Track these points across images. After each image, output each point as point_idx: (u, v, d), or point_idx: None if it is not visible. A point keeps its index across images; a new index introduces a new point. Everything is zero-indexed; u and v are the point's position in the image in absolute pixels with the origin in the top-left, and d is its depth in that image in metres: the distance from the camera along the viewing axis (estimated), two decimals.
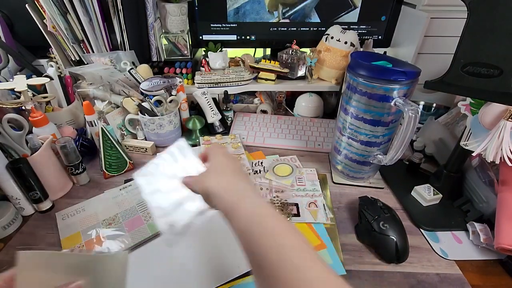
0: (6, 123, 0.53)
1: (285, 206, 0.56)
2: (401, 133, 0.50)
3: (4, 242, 0.50)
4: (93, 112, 0.64)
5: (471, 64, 0.41)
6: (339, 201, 0.60)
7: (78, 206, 0.57)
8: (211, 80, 0.81)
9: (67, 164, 0.60)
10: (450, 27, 0.72)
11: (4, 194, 0.53)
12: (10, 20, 0.78)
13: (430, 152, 0.70)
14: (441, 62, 0.73)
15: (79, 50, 0.79)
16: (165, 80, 0.74)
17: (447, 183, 0.58)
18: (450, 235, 0.53)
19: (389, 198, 0.61)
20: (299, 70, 0.83)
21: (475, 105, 0.49)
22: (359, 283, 0.45)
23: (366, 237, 0.51)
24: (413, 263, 0.48)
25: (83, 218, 0.55)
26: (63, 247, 0.49)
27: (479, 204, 0.55)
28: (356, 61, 0.53)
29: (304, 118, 0.85)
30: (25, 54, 0.82)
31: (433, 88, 0.46)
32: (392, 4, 0.78)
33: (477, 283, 0.45)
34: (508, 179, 0.50)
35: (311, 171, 0.66)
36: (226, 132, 0.80)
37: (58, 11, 0.72)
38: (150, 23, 0.78)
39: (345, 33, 0.76)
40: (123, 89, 0.75)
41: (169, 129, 0.73)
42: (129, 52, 0.79)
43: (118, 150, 0.65)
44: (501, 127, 0.44)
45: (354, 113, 0.56)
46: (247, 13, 0.81)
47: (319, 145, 0.76)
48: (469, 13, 0.39)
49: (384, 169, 0.64)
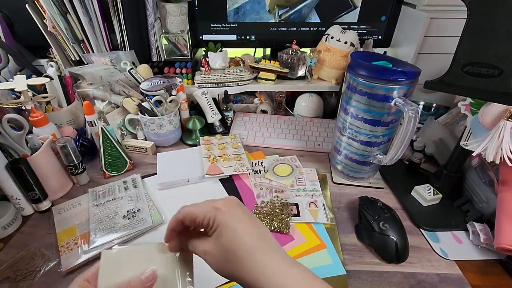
0: (6, 123, 0.53)
1: (285, 206, 0.56)
2: (401, 133, 0.50)
3: (4, 242, 0.50)
4: (93, 112, 0.64)
5: (471, 64, 0.41)
6: (339, 201, 0.60)
7: (75, 200, 0.58)
8: (211, 80, 0.81)
9: (67, 164, 0.60)
10: (450, 27, 0.72)
11: (4, 194, 0.53)
12: (10, 20, 0.78)
13: (430, 152, 0.70)
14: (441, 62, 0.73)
15: (79, 50, 0.79)
16: (165, 80, 0.74)
17: (447, 183, 0.58)
18: (450, 235, 0.53)
19: (389, 198, 0.61)
20: (299, 70, 0.83)
21: (475, 105, 0.49)
22: (359, 283, 0.45)
23: (366, 237, 0.51)
24: (413, 263, 0.48)
25: (78, 212, 0.55)
26: (59, 241, 0.50)
27: (479, 204, 0.55)
28: (356, 61, 0.53)
29: (304, 118, 0.85)
30: (25, 54, 0.82)
31: (433, 88, 0.46)
32: (392, 4, 0.78)
33: (477, 283, 0.45)
34: (508, 179, 0.50)
35: (311, 171, 0.66)
36: (226, 132, 0.80)
37: (58, 11, 0.72)
38: (150, 23, 0.78)
39: (345, 33, 0.76)
40: (123, 89, 0.75)
41: (169, 129, 0.73)
42: (129, 52, 0.79)
43: (118, 150, 0.65)
44: (501, 127, 0.44)
45: (354, 113, 0.56)
46: (247, 13, 0.81)
47: (319, 145, 0.76)
48: (469, 13, 0.39)
49: (384, 169, 0.64)
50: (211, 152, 0.69)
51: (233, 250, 0.28)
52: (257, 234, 0.30)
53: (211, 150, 0.70)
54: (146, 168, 0.68)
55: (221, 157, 0.67)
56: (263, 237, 0.30)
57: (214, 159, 0.67)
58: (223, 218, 0.29)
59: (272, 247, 0.30)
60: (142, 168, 0.69)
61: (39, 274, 0.45)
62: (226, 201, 0.31)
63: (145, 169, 0.68)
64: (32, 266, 0.46)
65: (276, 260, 0.28)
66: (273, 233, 0.52)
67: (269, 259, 0.28)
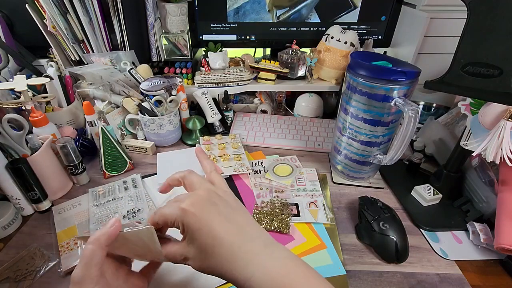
0: (6, 123, 0.53)
1: (285, 206, 0.56)
2: (401, 133, 0.50)
3: (4, 242, 0.50)
4: (93, 112, 0.64)
5: (471, 64, 0.41)
6: (339, 201, 0.60)
7: (74, 200, 0.58)
8: (211, 80, 0.81)
9: (67, 164, 0.60)
10: (450, 27, 0.72)
11: (4, 194, 0.53)
12: (10, 20, 0.78)
13: (430, 152, 0.70)
14: (441, 62, 0.73)
15: (79, 50, 0.79)
16: (165, 80, 0.74)
17: (447, 183, 0.58)
18: (450, 235, 0.53)
19: (389, 198, 0.61)
20: (299, 70, 0.83)
21: (475, 105, 0.49)
22: (359, 283, 0.45)
23: (366, 237, 0.51)
24: (413, 263, 0.48)
25: (78, 212, 0.55)
26: (59, 240, 0.50)
27: (479, 204, 0.55)
28: (356, 61, 0.53)
29: (304, 118, 0.85)
30: (25, 54, 0.82)
31: (433, 88, 0.46)
32: (392, 4, 0.78)
33: (477, 283, 0.45)
34: (508, 179, 0.50)
35: (311, 171, 0.66)
36: (226, 132, 0.80)
37: (58, 11, 0.72)
38: (150, 23, 0.78)
39: (345, 33, 0.76)
40: (123, 89, 0.75)
41: (169, 129, 0.73)
42: (129, 52, 0.79)
43: (118, 150, 0.65)
44: (501, 127, 0.44)
45: (354, 113, 0.56)
46: (247, 13, 0.81)
47: (319, 145, 0.76)
48: (469, 13, 0.39)
49: (384, 169, 0.64)
50: (211, 152, 0.69)
51: (210, 250, 0.28)
52: (233, 228, 0.29)
53: (211, 150, 0.70)
54: (146, 168, 0.68)
55: (221, 157, 0.67)
56: (239, 229, 0.30)
57: (214, 159, 0.67)
58: (193, 222, 0.28)
59: (252, 236, 0.29)
60: (142, 168, 0.69)
61: (39, 274, 0.45)
62: (194, 200, 0.30)
63: (145, 169, 0.68)
64: (32, 266, 0.46)
65: (256, 250, 0.28)
66: (273, 233, 0.52)
67: (250, 251, 0.28)
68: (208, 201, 0.31)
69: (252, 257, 0.28)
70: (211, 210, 0.30)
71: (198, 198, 0.31)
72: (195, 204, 0.30)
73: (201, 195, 0.31)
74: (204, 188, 0.32)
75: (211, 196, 0.31)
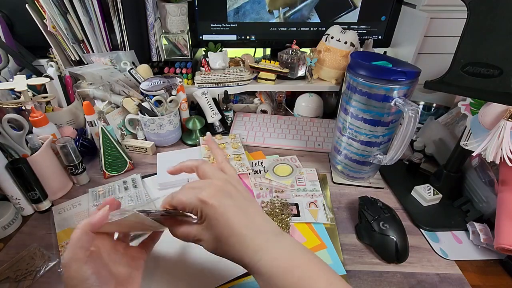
0: (6, 123, 0.53)
1: (285, 206, 0.56)
2: (401, 133, 0.50)
3: (4, 242, 0.50)
4: (93, 112, 0.64)
5: (471, 64, 0.41)
6: (339, 201, 0.60)
7: (75, 200, 0.58)
8: (211, 80, 0.81)
9: (67, 164, 0.60)
10: (450, 27, 0.72)
11: (4, 194, 0.53)
12: (10, 20, 0.78)
13: (430, 152, 0.70)
14: (441, 62, 0.73)
15: (79, 50, 0.79)
16: (165, 80, 0.74)
17: (447, 183, 0.58)
18: (450, 235, 0.53)
19: (389, 198, 0.61)
20: (299, 70, 0.83)
21: (475, 105, 0.49)
22: (359, 283, 0.45)
23: (366, 237, 0.51)
24: (413, 263, 0.48)
25: (79, 212, 0.55)
26: (59, 240, 0.50)
27: (479, 204, 0.55)
28: (356, 61, 0.53)
29: (304, 118, 0.85)
30: (25, 54, 0.82)
31: (433, 88, 0.46)
32: (392, 4, 0.78)
33: (477, 283, 0.45)
34: (508, 179, 0.50)
35: (311, 171, 0.66)
36: (226, 132, 0.80)
37: (58, 11, 0.72)
38: (150, 23, 0.78)
39: (345, 33, 0.76)
40: (123, 89, 0.75)
41: (169, 129, 0.73)
42: (129, 52, 0.79)
43: (118, 150, 0.65)
44: (501, 127, 0.44)
45: (354, 113, 0.56)
46: (247, 13, 0.81)
47: (319, 145, 0.76)
48: (469, 13, 0.39)
49: (384, 169, 0.64)
50: (211, 152, 0.69)
51: (224, 238, 0.31)
52: (247, 220, 0.32)
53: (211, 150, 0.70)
54: (146, 168, 0.68)
55: None
56: (252, 221, 0.33)
57: (214, 159, 0.67)
58: (212, 213, 0.32)
59: (262, 228, 0.33)
60: (142, 168, 0.69)
61: (39, 274, 0.45)
62: (212, 191, 0.33)
63: (145, 169, 0.68)
64: (32, 266, 0.46)
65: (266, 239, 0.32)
66: None
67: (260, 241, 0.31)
68: (225, 193, 0.33)
69: (262, 245, 0.31)
70: (228, 202, 0.33)
71: (216, 188, 0.33)
72: (214, 196, 0.32)
73: (218, 185, 0.34)
74: (219, 178, 0.35)
75: (226, 186, 0.34)
